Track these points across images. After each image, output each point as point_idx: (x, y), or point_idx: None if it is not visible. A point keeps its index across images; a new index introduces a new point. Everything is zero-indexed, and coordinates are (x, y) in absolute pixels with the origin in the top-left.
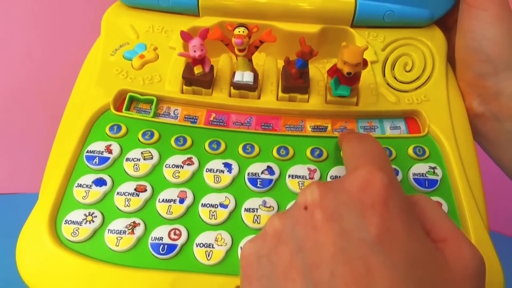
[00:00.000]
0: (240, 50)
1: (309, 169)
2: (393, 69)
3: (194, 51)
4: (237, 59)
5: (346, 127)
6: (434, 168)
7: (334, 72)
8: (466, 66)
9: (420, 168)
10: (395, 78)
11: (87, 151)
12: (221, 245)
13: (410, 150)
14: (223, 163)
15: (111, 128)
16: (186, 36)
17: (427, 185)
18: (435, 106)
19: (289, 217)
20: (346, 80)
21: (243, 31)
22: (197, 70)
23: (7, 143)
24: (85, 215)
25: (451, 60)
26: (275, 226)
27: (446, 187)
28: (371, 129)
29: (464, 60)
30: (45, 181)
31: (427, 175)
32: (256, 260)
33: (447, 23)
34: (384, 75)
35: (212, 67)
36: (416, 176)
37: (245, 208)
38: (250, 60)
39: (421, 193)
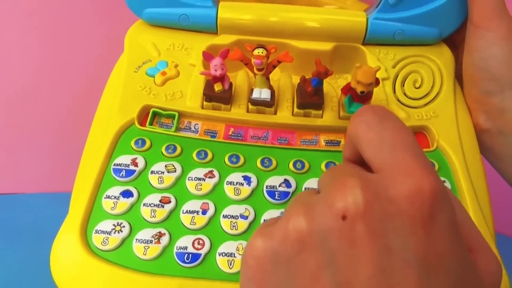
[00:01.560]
0: (259, 70)
1: None
2: (403, 86)
3: (216, 70)
4: (255, 77)
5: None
6: (443, 181)
7: (348, 90)
8: (473, 84)
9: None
10: (405, 94)
11: (114, 164)
12: (242, 254)
13: None
14: (242, 176)
15: (136, 142)
16: (208, 56)
17: None
18: (444, 121)
19: (320, 223)
20: (359, 98)
21: (262, 52)
22: (217, 87)
23: (7, 143)
24: (114, 225)
25: (458, 76)
26: (300, 229)
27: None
28: None
29: (471, 78)
30: (75, 192)
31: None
32: (271, 265)
33: (455, 41)
34: (394, 91)
35: (231, 84)
36: None
37: (264, 219)
38: (268, 78)
39: None
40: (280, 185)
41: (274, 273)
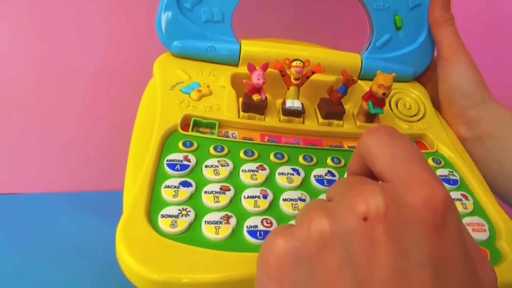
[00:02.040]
0: (296, 79)
1: None
2: (397, 108)
3: (258, 79)
4: (288, 89)
5: None
6: (451, 171)
7: (368, 97)
8: (452, 103)
9: (442, 172)
10: (401, 113)
11: (167, 160)
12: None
13: (430, 161)
14: (291, 168)
15: (184, 143)
16: (251, 68)
17: (451, 183)
18: (436, 131)
19: (342, 224)
20: (378, 102)
21: (300, 64)
22: (256, 97)
23: (7, 143)
24: (179, 210)
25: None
26: (322, 230)
27: (464, 185)
28: None
29: (450, 99)
30: (127, 187)
31: (449, 176)
32: (293, 263)
33: (422, 80)
34: (392, 111)
35: (266, 96)
36: (442, 177)
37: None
38: (299, 90)
39: (451, 190)
40: (326, 175)
41: (295, 271)
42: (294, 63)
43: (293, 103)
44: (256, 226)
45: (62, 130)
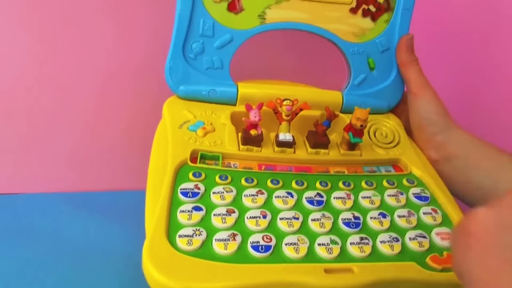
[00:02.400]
0: (286, 115)
1: (346, 193)
2: (375, 136)
3: (255, 117)
4: (280, 124)
5: (357, 171)
6: (423, 189)
7: (349, 129)
8: (422, 130)
9: (415, 190)
10: (378, 141)
11: (181, 189)
12: (303, 243)
13: (405, 181)
14: (285, 192)
15: (193, 174)
16: (249, 107)
17: (423, 200)
18: (409, 156)
19: None
20: (357, 133)
21: (289, 103)
22: (253, 132)
23: (7, 143)
24: (193, 230)
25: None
26: None
27: (434, 200)
28: (373, 172)
29: (420, 127)
30: (148, 213)
31: (421, 193)
32: (499, 229)
33: (397, 110)
34: (371, 139)
35: (261, 131)
36: (415, 195)
37: (311, 219)
38: (289, 125)
39: (421, 206)
40: (315, 196)
41: (503, 238)
42: (284, 102)
43: (285, 136)
44: (258, 242)
45: (62, 130)
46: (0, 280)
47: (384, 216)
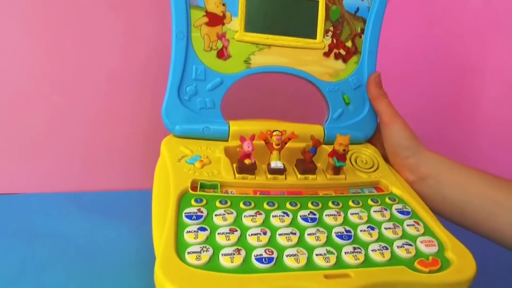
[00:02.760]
0: (277, 145)
1: (336, 211)
2: (357, 163)
3: (248, 147)
4: (271, 153)
5: (343, 193)
6: (404, 205)
7: (333, 154)
8: (396, 156)
9: (397, 206)
10: (359, 166)
11: (185, 213)
12: (302, 254)
13: (387, 199)
14: (281, 212)
15: (195, 200)
16: (242, 139)
17: (405, 214)
18: (389, 178)
19: None
20: (341, 157)
21: (278, 133)
22: (247, 161)
23: (7, 144)
24: (200, 247)
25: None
26: None
27: (415, 214)
28: (357, 193)
29: (394, 153)
30: (156, 235)
31: (403, 209)
32: None
33: (373, 140)
34: (353, 165)
35: (254, 160)
36: (398, 210)
37: (307, 233)
38: (279, 154)
39: (404, 219)
40: (308, 214)
41: None
42: (274, 133)
43: (276, 164)
44: (261, 255)
45: (62, 131)
46: (0, 280)
47: (372, 228)
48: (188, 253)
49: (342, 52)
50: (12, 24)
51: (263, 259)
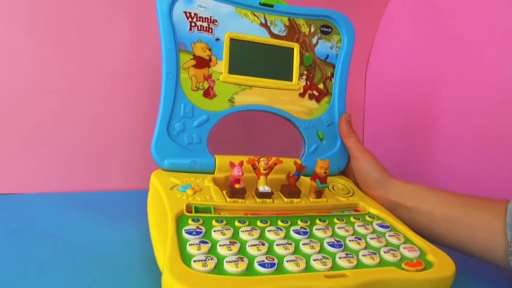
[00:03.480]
0: (264, 169)
1: (324, 226)
2: (334, 189)
3: (238, 172)
4: (259, 178)
5: (326, 213)
6: (383, 221)
7: (315, 177)
8: (367, 186)
9: (377, 222)
10: (338, 192)
11: (185, 230)
12: (301, 260)
13: (367, 217)
14: (275, 227)
15: (193, 220)
16: (232, 165)
17: (385, 227)
18: (365, 201)
19: None
20: (322, 180)
21: (265, 159)
22: (238, 186)
23: (7, 144)
24: (205, 256)
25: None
26: None
27: (394, 228)
28: (339, 213)
29: (365, 183)
30: (158, 252)
31: (382, 223)
32: None
33: (346, 172)
34: (332, 192)
35: (244, 185)
36: (378, 224)
37: (302, 243)
38: (266, 179)
39: (385, 232)
40: (300, 228)
41: None
42: (261, 159)
43: (264, 188)
44: (263, 261)
45: (62, 131)
46: (0, 280)
47: (359, 239)
48: (194, 261)
49: (315, 93)
50: (14, 22)
51: (266, 264)
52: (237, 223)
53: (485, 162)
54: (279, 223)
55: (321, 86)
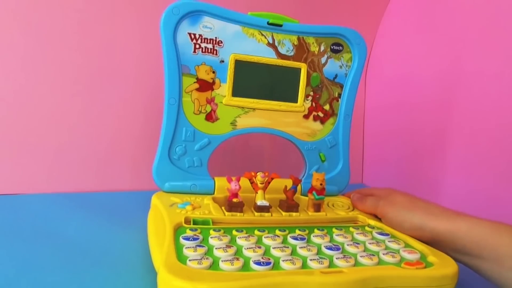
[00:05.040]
0: (261, 183)
1: (322, 234)
2: (334, 206)
3: (236, 186)
4: (256, 193)
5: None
6: (382, 230)
7: (311, 190)
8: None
9: (377, 231)
10: (337, 208)
11: (182, 237)
12: (298, 259)
13: (366, 227)
14: (272, 235)
15: (190, 229)
16: (229, 179)
17: (385, 235)
18: (365, 215)
19: None
20: (319, 192)
21: (263, 173)
22: (236, 200)
23: (7, 144)
24: (200, 256)
25: None
26: None
27: (393, 235)
28: (340, 227)
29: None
30: (155, 256)
31: (382, 232)
32: None
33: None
34: (332, 208)
35: (242, 200)
36: (378, 233)
37: (299, 247)
38: (264, 193)
39: (385, 239)
40: (298, 235)
41: None
42: (258, 173)
43: (262, 202)
44: (259, 260)
45: (62, 131)
46: (0, 280)
47: (357, 244)
48: (190, 260)
49: (320, 114)
50: (14, 24)
51: (261, 262)
52: (234, 232)
53: (485, 161)
54: (277, 231)
55: (327, 107)
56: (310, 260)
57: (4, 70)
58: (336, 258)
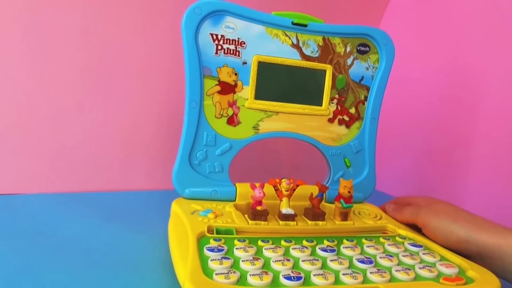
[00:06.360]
0: (286, 190)
1: (352, 245)
2: (360, 214)
3: (259, 193)
4: (281, 200)
5: (353, 236)
6: (414, 241)
7: (339, 197)
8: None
9: (409, 241)
10: (365, 217)
11: (207, 248)
12: (330, 274)
13: (397, 238)
14: (300, 246)
15: (214, 239)
16: (253, 186)
17: (418, 247)
18: (393, 224)
19: None
20: (347, 200)
21: (288, 179)
22: (260, 208)
23: (7, 144)
24: (227, 270)
25: None
26: None
27: (426, 247)
28: (370, 237)
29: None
30: (179, 269)
31: (415, 243)
32: None
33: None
34: (359, 216)
35: (266, 208)
36: (410, 244)
37: (329, 260)
38: (289, 201)
39: (419, 251)
40: (327, 247)
41: None
42: (283, 180)
43: (287, 210)
44: (289, 274)
45: (62, 131)
46: (0, 280)
47: (391, 256)
48: (216, 274)
49: (346, 118)
50: (15, 24)
51: (292, 277)
52: (260, 242)
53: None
54: (304, 242)
55: (352, 110)
56: (343, 274)
57: (5, 69)
58: (370, 273)
